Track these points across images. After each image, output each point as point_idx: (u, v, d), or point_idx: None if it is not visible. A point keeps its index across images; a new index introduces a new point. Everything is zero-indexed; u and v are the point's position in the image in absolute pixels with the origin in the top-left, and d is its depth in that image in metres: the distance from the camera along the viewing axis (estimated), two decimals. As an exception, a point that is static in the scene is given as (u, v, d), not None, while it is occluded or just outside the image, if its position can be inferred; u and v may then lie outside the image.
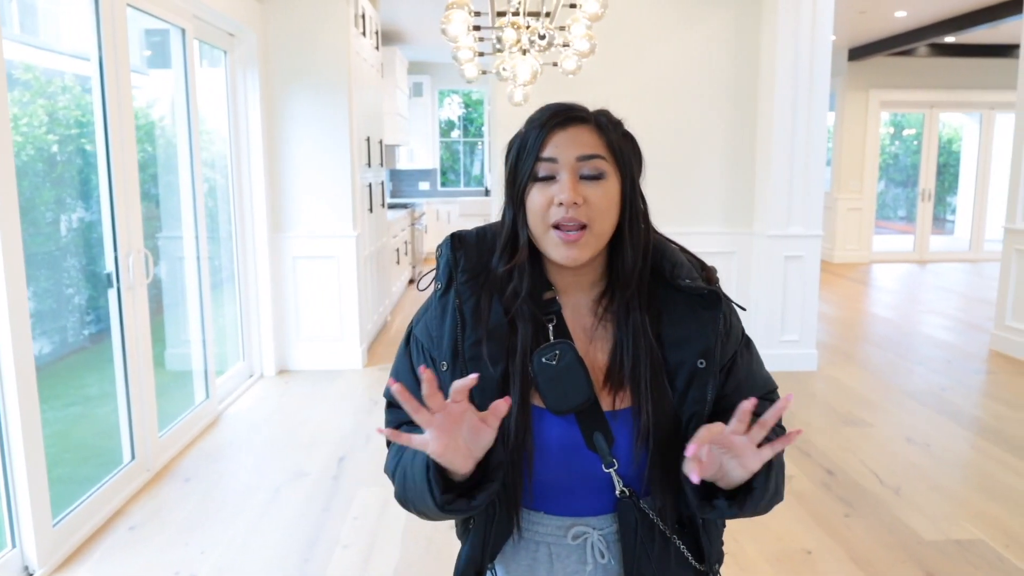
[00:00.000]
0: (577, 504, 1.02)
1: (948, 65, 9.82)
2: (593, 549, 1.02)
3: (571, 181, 0.95)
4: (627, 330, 1.00)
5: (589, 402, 0.96)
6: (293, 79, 4.81)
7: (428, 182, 11.55)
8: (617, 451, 0.97)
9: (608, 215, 0.98)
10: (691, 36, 4.94)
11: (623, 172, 1.01)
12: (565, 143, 0.97)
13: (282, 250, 4.98)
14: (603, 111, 1.04)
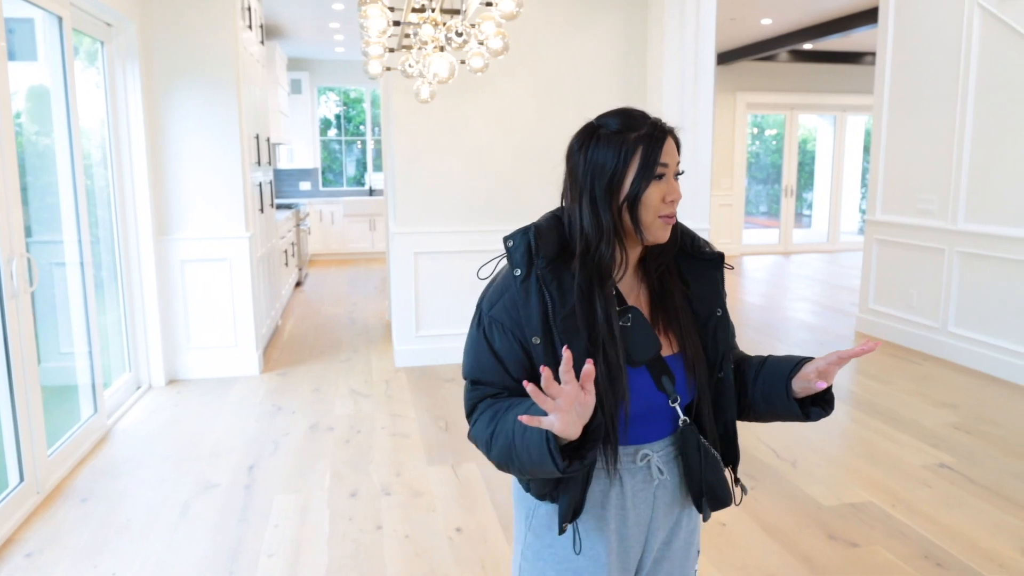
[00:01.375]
0: (641, 434, 1.23)
1: (806, 70, 10.58)
2: (653, 468, 1.25)
3: (675, 181, 1.20)
4: (668, 290, 1.25)
5: (658, 352, 1.20)
6: (178, 73, 4.58)
7: (309, 182, 11.25)
8: (677, 388, 1.22)
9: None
10: (584, 39, 5.09)
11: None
12: (670, 151, 1.19)
13: (169, 254, 4.73)
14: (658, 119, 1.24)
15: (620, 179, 1.17)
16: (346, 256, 10.88)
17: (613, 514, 1.24)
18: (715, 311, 1.27)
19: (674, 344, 1.25)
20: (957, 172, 5.00)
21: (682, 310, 1.25)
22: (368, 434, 3.85)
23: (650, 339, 1.19)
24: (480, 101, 5.01)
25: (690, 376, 1.24)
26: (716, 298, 1.28)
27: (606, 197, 1.18)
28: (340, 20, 7.85)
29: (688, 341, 1.24)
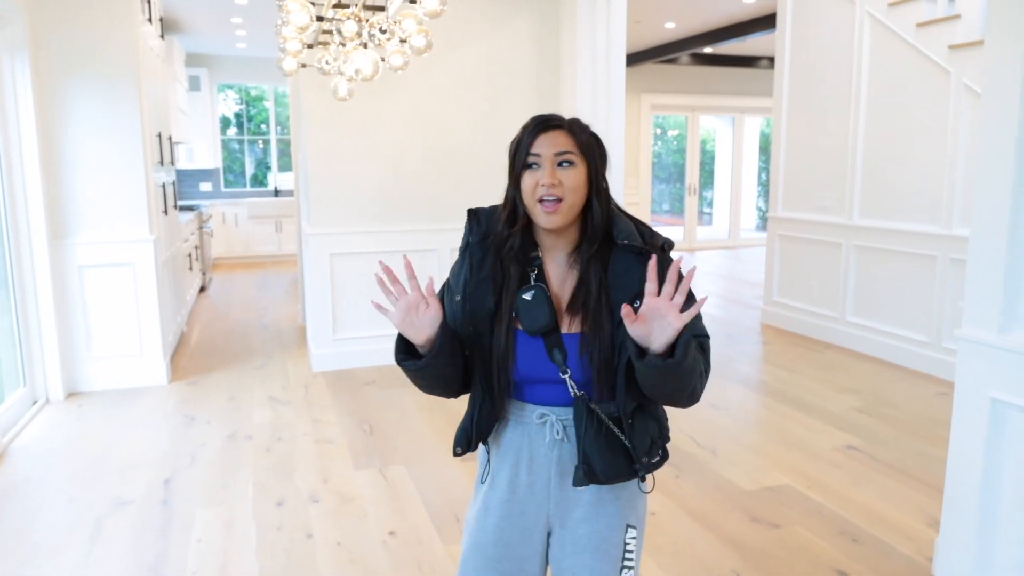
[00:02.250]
0: (540, 396, 1.39)
1: (706, 73, 10.99)
2: (552, 428, 1.39)
3: (550, 169, 1.31)
4: (587, 275, 1.35)
5: (550, 327, 1.33)
6: (73, 68, 4.31)
7: (210, 183, 10.82)
8: (570, 363, 1.33)
9: (576, 192, 1.33)
10: (498, 39, 5.11)
11: (589, 162, 1.34)
12: (546, 143, 1.32)
13: (66, 259, 4.45)
14: (575, 119, 1.38)
15: (511, 167, 1.36)
16: (252, 259, 10.54)
17: (524, 463, 1.41)
18: (632, 302, 1.28)
19: (576, 325, 1.35)
20: (852, 170, 5.30)
21: (594, 296, 1.34)
22: (290, 441, 3.74)
23: (544, 314, 1.33)
24: (395, 100, 4.95)
25: (584, 355, 1.33)
26: (635, 288, 1.31)
27: (509, 185, 1.38)
28: (243, 15, 7.59)
29: (589, 324, 1.33)
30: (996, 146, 1.85)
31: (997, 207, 1.85)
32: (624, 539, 1.41)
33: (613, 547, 1.40)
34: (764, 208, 14.02)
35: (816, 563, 2.59)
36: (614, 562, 1.39)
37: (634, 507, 1.43)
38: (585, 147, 1.34)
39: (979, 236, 1.91)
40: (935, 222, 4.68)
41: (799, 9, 5.74)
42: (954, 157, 4.51)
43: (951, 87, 4.50)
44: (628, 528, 1.42)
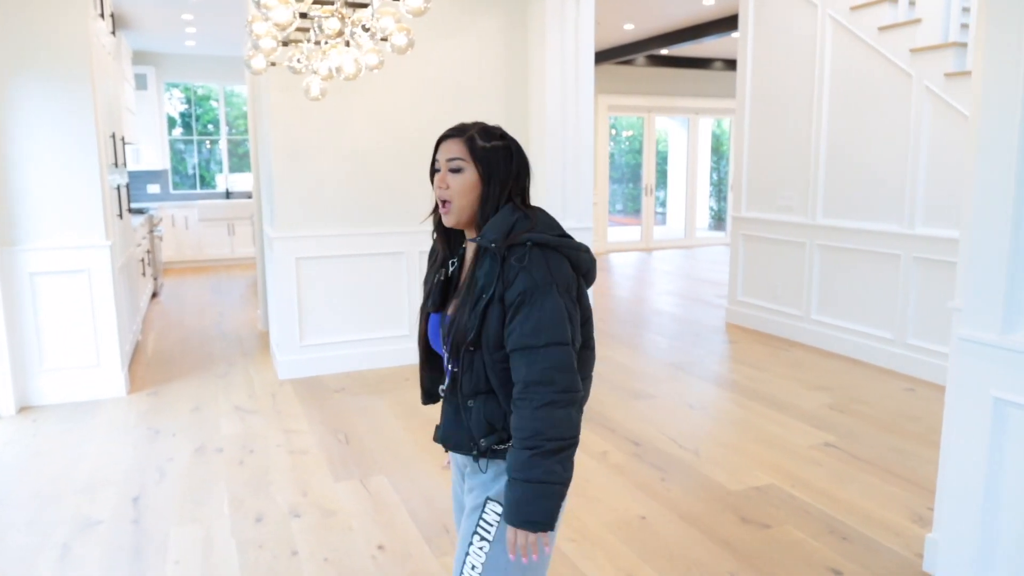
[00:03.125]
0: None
1: (662, 74, 11.09)
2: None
3: (442, 174, 1.47)
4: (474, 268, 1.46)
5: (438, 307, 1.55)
6: (20, 65, 4.10)
7: (158, 185, 10.48)
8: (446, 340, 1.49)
9: (465, 195, 1.46)
10: (465, 40, 5.04)
11: (481, 169, 1.45)
12: (443, 152, 1.47)
13: (15, 267, 4.23)
14: (485, 129, 1.50)
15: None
16: (203, 263, 10.24)
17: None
18: (482, 294, 1.41)
19: (452, 309, 1.51)
20: (815, 171, 5.39)
21: (467, 285, 1.46)
22: (263, 453, 3.61)
23: (436, 295, 1.55)
24: (361, 101, 4.84)
25: (444, 333, 1.50)
26: (483, 283, 1.42)
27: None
28: (194, 12, 7.35)
29: (454, 309, 1.49)
30: (996, 144, 1.87)
31: (998, 207, 1.87)
32: (483, 509, 1.50)
33: (474, 512, 1.51)
34: (716, 208, 14.25)
35: (809, 562, 2.60)
36: (472, 526, 1.51)
37: (492, 484, 1.49)
38: (479, 154, 1.45)
39: (977, 237, 1.93)
40: (898, 221, 4.78)
41: (761, 11, 5.81)
42: (916, 158, 4.61)
43: (913, 89, 4.61)
44: (488, 501, 1.49)
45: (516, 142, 1.52)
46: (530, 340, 1.37)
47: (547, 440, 1.35)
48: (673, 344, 5.66)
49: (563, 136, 5.07)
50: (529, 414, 1.36)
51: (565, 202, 5.14)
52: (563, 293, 1.40)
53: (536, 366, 1.36)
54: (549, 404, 1.35)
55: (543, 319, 1.37)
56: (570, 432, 1.38)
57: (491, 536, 1.47)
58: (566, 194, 5.13)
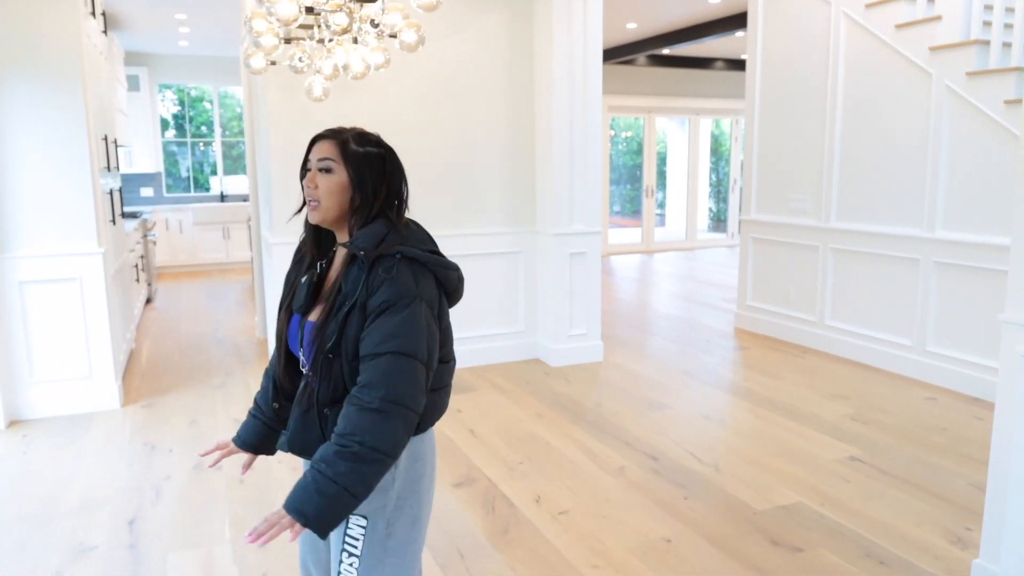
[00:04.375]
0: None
1: (663, 75, 10.95)
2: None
3: (312, 174, 1.47)
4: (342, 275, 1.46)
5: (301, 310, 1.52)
6: (9, 65, 3.93)
7: (152, 188, 10.29)
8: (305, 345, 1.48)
9: (332, 196, 1.47)
10: (471, 37, 4.89)
11: (351, 172, 1.47)
12: (315, 152, 1.48)
13: (3, 275, 4.06)
14: (361, 133, 1.52)
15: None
16: (198, 268, 10.06)
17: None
18: (345, 300, 1.42)
19: (317, 314, 1.48)
20: (829, 173, 5.26)
21: (333, 291, 1.46)
22: (264, 470, 3.45)
23: (300, 298, 1.52)
24: (362, 102, 4.69)
25: (307, 338, 1.48)
26: (347, 290, 1.43)
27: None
28: (188, 11, 7.18)
29: (322, 316, 1.46)
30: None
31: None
32: (347, 526, 1.47)
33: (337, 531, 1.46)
34: (715, 209, 14.12)
35: (847, 589, 2.46)
36: (339, 544, 1.48)
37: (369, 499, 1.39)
38: (351, 157, 1.47)
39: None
40: (917, 225, 4.65)
41: (771, 9, 5.68)
42: (936, 159, 4.48)
43: (932, 88, 4.47)
44: (352, 516, 1.45)
45: (392, 150, 1.55)
46: (378, 347, 1.37)
47: (359, 444, 1.31)
48: (683, 350, 5.52)
49: (570, 136, 4.92)
50: (353, 413, 1.34)
51: (572, 204, 4.99)
52: (426, 308, 1.42)
53: (376, 370, 1.36)
54: (376, 411, 1.33)
55: (397, 328, 1.38)
56: (387, 446, 1.33)
57: (358, 551, 1.46)
58: (573, 196, 4.99)
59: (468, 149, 4.98)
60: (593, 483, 3.27)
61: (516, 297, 5.23)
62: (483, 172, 5.03)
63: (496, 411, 4.16)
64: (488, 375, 4.91)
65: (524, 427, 3.94)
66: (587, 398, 4.41)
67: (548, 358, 5.16)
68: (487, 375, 4.91)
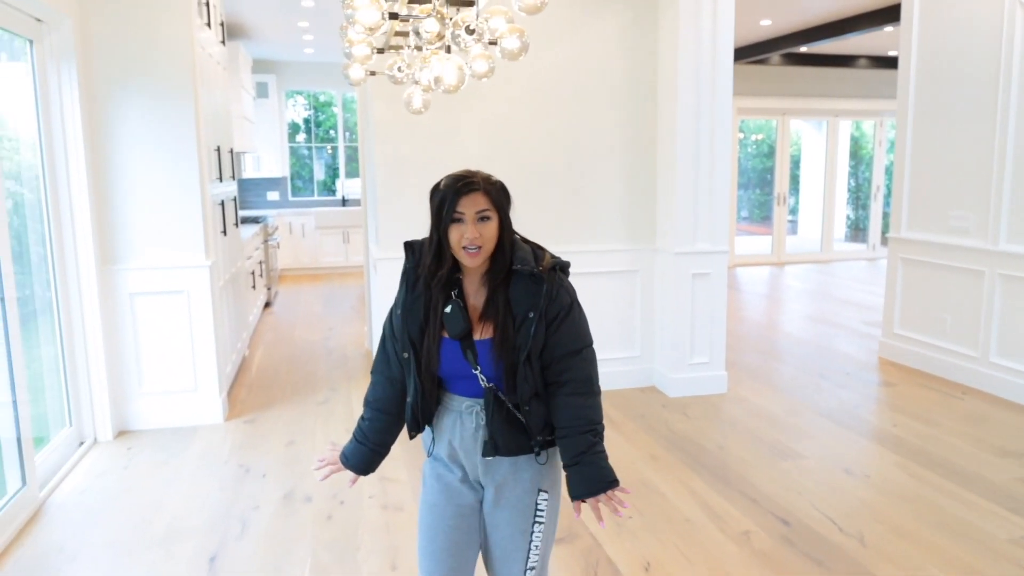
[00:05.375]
0: (462, 389, 1.72)
1: (798, 74, 10.17)
2: (476, 415, 1.71)
3: (472, 226, 1.62)
4: (495, 293, 1.67)
5: (465, 333, 1.67)
6: (124, 77, 3.94)
7: (278, 192, 10.57)
8: (481, 361, 1.67)
9: (492, 240, 1.64)
10: (585, 40, 4.54)
11: (500, 213, 1.65)
12: (468, 203, 1.62)
13: (116, 286, 4.08)
14: (486, 177, 1.67)
15: (436, 218, 1.63)
16: (318, 271, 10.23)
17: (457, 440, 1.74)
18: (528, 314, 1.64)
19: (488, 332, 1.67)
20: (998, 186, 4.55)
21: (501, 310, 1.65)
22: (354, 506, 3.25)
23: (460, 323, 1.66)
24: (471, 110, 4.44)
25: (494, 356, 1.65)
26: (530, 304, 1.64)
27: (433, 229, 1.65)
28: (309, 18, 7.22)
29: (499, 333, 1.65)
30: None
31: None
32: (536, 500, 1.75)
33: (527, 507, 1.74)
34: (853, 217, 13.08)
35: None
36: (528, 518, 1.75)
37: (544, 475, 1.76)
38: (496, 202, 1.64)
39: None
40: (1115, 251, 3.90)
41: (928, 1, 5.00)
42: None
43: None
44: (540, 492, 1.76)
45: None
46: (578, 344, 1.69)
47: (598, 424, 1.69)
48: (817, 383, 4.94)
49: (695, 146, 4.48)
50: (587, 403, 1.68)
51: (696, 221, 4.55)
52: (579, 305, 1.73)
53: (585, 365, 1.69)
54: (596, 394, 1.71)
55: (579, 327, 1.70)
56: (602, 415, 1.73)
57: (544, 519, 1.77)
58: (698, 212, 4.54)
59: (583, 160, 4.63)
60: (712, 550, 2.85)
61: (632, 320, 4.83)
62: (599, 185, 4.67)
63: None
64: (598, 404, 4.54)
65: (636, 471, 3.56)
66: (708, 438, 3.97)
67: (666, 387, 4.74)
68: (597, 404, 4.55)
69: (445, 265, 1.66)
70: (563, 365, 1.67)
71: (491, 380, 1.67)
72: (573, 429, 1.67)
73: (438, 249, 1.66)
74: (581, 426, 1.66)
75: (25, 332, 3.82)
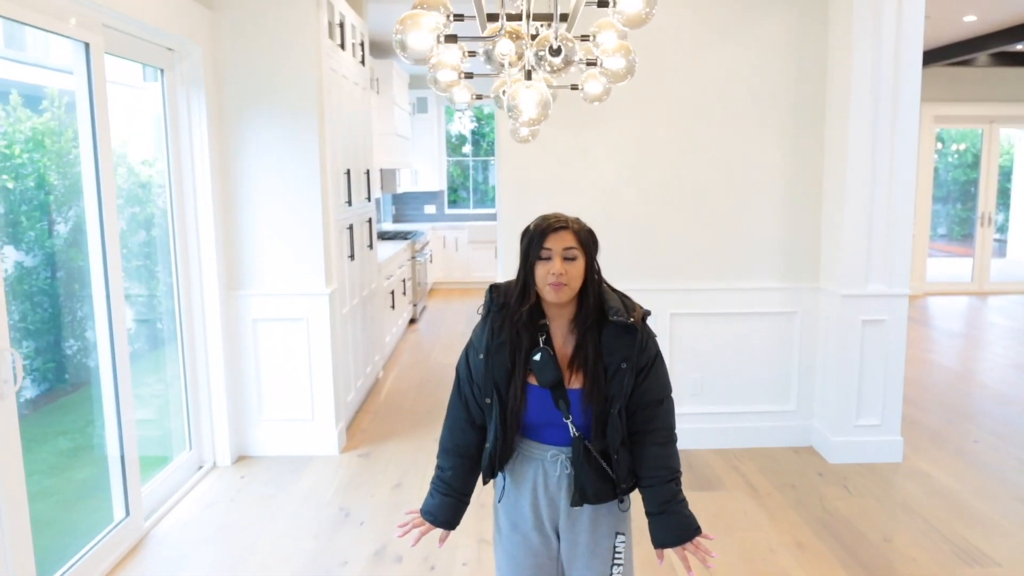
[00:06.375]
0: (549, 436, 1.74)
1: (1011, 76, 8.80)
2: (561, 463, 1.74)
3: (559, 263, 1.65)
4: (584, 341, 1.70)
5: (558, 381, 1.68)
6: (251, 102, 3.91)
7: (434, 205, 10.65)
8: (572, 410, 1.69)
9: (577, 279, 1.68)
10: (739, 49, 3.99)
11: (587, 255, 1.70)
12: (556, 240, 1.66)
13: (239, 311, 4.07)
14: (575, 219, 1.72)
15: (524, 257, 1.70)
16: (468, 285, 10.18)
17: (540, 488, 1.75)
18: (620, 364, 1.67)
19: (578, 380, 1.70)
20: None
21: (591, 359, 1.69)
22: (444, 573, 2.95)
23: (552, 371, 1.68)
24: (603, 129, 4.03)
25: (584, 405, 1.69)
26: (623, 354, 1.68)
27: (521, 268, 1.71)
28: (460, 34, 7.09)
29: (589, 382, 1.69)
30: None
31: None
32: (615, 543, 1.78)
33: (605, 551, 1.77)
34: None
35: None
36: (607, 562, 1.77)
37: (622, 519, 1.80)
38: (584, 243, 1.69)
39: None
40: None
41: None
42: None
43: None
44: (617, 535, 1.78)
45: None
46: (662, 393, 1.74)
47: (679, 471, 1.74)
48: (1022, 458, 4.05)
49: (871, 170, 3.80)
50: (670, 452, 1.74)
51: (869, 258, 3.86)
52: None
53: (668, 414, 1.75)
54: (675, 442, 1.76)
55: (664, 375, 1.75)
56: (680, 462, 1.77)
57: (623, 560, 1.79)
58: (871, 247, 3.85)
59: (735, 183, 4.08)
60: None
61: (788, 368, 4.20)
62: (753, 212, 4.09)
63: (741, 526, 3.23)
64: (742, 464, 3.97)
65: (775, 563, 2.98)
66: (872, 525, 3.30)
67: (825, 451, 4.07)
68: (741, 464, 3.97)
69: (528, 302, 1.68)
70: (649, 414, 1.71)
71: (580, 429, 1.69)
72: (658, 478, 1.70)
73: (523, 287, 1.69)
74: (665, 475, 1.71)
75: (155, 356, 3.88)
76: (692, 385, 4.18)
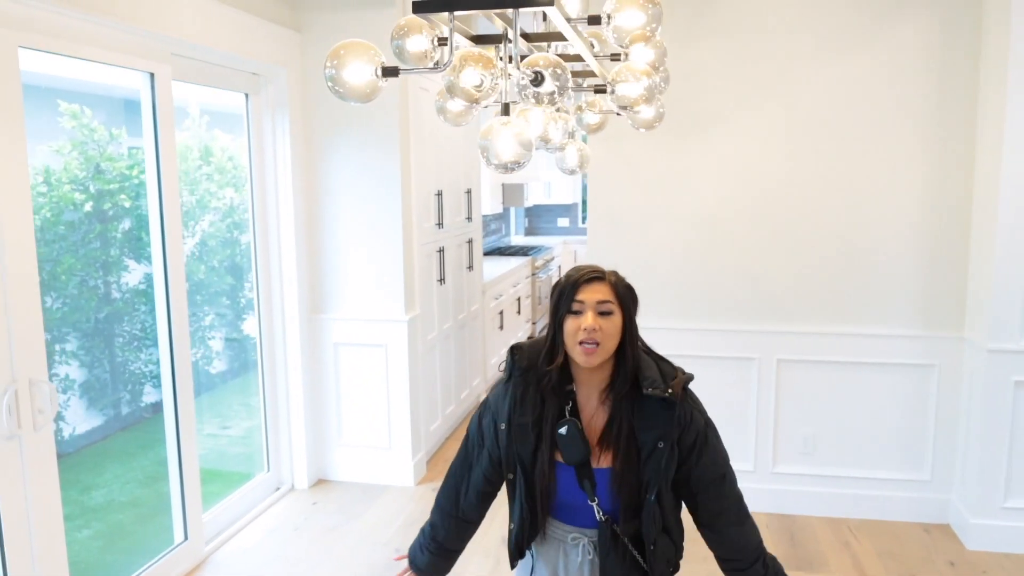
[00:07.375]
0: (571, 518, 1.58)
1: None
2: (583, 548, 1.59)
3: (592, 316, 1.47)
4: (618, 414, 1.52)
5: (584, 460, 1.51)
6: (334, 125, 3.85)
7: (568, 218, 10.42)
8: (599, 492, 1.52)
9: (613, 338, 1.48)
10: (869, 55, 3.43)
11: (624, 312, 1.50)
12: (589, 292, 1.49)
13: (321, 335, 4.03)
14: (613, 271, 1.54)
15: (554, 311, 1.51)
16: (598, 303, 9.84)
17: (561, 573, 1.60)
18: (657, 444, 1.48)
19: (607, 459, 1.52)
20: None
21: (624, 436, 1.50)
22: (480, 642, 2.70)
23: (578, 448, 1.50)
24: (705, 147, 3.61)
25: (613, 487, 1.51)
26: (660, 431, 1.48)
27: (551, 324, 1.52)
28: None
29: (620, 461, 1.50)
30: None
31: None
32: None
33: None
34: None
35: None
36: None
37: None
38: (622, 298, 1.50)
39: None
40: None
41: None
42: None
43: None
44: None
45: None
46: (724, 468, 1.55)
47: (762, 545, 1.58)
48: None
49: (1033, 202, 3.13)
50: (747, 530, 1.56)
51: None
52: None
53: (734, 488, 1.55)
54: (749, 515, 1.57)
55: (719, 449, 1.56)
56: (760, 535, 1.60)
57: None
58: (1031, 295, 3.17)
59: (860, 212, 3.52)
60: None
61: (923, 431, 3.56)
62: (881, 245, 3.51)
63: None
64: (856, 539, 3.41)
65: (869, 677, 2.47)
66: (1007, 640, 2.68)
67: (963, 533, 3.41)
68: (854, 539, 3.41)
69: (556, 363, 1.51)
70: (713, 493, 1.54)
71: (607, 512, 1.53)
72: (742, 561, 1.56)
73: (552, 346, 1.52)
74: (749, 556, 1.56)
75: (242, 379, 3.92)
76: (802, 442, 3.66)
